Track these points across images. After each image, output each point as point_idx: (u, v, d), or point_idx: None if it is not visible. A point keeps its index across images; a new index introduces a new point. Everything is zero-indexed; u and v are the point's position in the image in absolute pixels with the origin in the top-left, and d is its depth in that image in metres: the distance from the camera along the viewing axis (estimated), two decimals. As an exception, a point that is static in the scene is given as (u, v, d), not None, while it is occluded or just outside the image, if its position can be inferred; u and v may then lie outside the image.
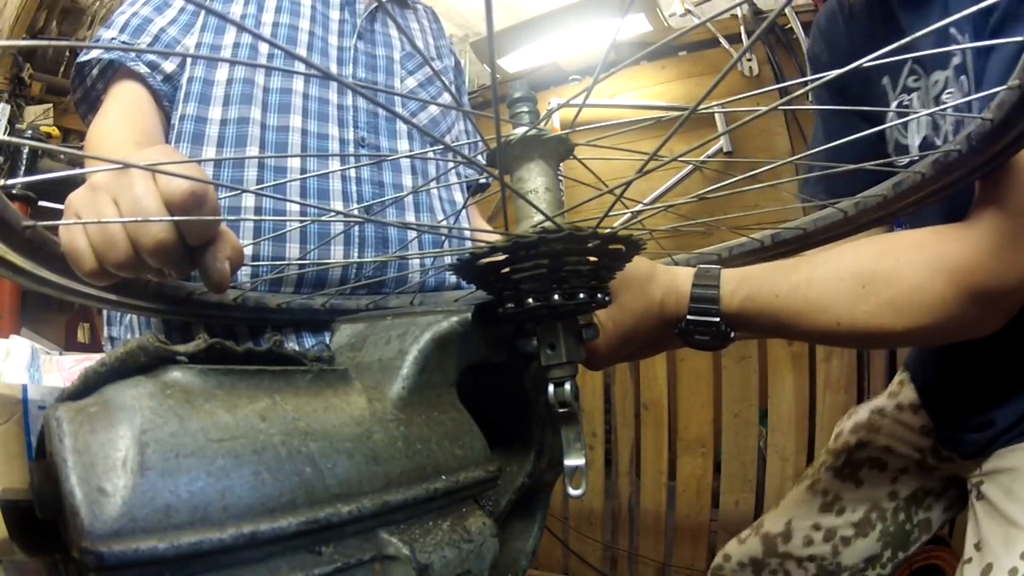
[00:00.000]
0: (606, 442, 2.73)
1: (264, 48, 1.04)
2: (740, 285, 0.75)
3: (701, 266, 0.78)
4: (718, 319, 0.75)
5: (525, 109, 0.59)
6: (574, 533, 2.72)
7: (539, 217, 0.55)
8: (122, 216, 0.54)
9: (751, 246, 0.89)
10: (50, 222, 0.53)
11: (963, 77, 0.80)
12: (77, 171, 0.59)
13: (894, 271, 0.70)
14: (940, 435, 1.06)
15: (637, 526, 2.61)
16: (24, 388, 0.79)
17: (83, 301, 0.69)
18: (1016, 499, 0.86)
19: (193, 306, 0.76)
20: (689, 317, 0.76)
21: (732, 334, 0.77)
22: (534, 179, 0.57)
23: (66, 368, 1.04)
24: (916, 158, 0.82)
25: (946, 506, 1.12)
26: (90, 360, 1.05)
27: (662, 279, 0.77)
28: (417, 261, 1.04)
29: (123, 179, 0.55)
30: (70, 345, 3.02)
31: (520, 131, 0.56)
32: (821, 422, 2.28)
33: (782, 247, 0.89)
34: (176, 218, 0.54)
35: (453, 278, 1.10)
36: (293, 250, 0.95)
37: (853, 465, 1.14)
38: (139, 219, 0.53)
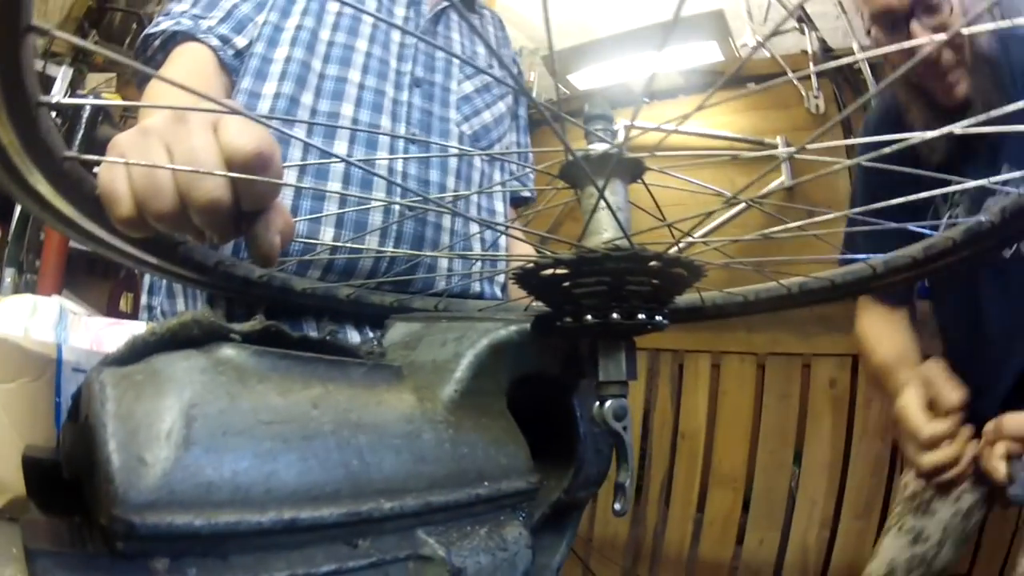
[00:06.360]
0: (639, 468, 2.71)
1: (325, 35, 1.03)
2: None
3: None
4: None
5: (602, 126, 0.59)
6: (596, 555, 2.70)
7: (608, 234, 0.55)
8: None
9: (778, 292, 0.88)
10: (93, 156, 0.48)
11: None
12: (142, 104, 0.52)
13: None
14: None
15: (659, 555, 2.57)
16: (59, 348, 0.78)
17: (104, 252, 0.61)
18: None
19: (218, 276, 0.71)
20: None
21: None
22: (607, 196, 0.56)
23: (94, 330, 1.03)
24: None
25: (986, 511, 1.37)
26: (120, 325, 1.05)
27: None
28: (445, 265, 1.03)
29: (180, 128, 0.50)
30: (111, 312, 3.04)
31: (600, 147, 0.56)
32: (854, 469, 2.24)
33: (809, 296, 0.87)
34: (234, 175, 0.48)
35: (476, 286, 1.09)
36: (327, 234, 0.94)
37: (927, 502, 1.36)
38: (193, 169, 0.47)
